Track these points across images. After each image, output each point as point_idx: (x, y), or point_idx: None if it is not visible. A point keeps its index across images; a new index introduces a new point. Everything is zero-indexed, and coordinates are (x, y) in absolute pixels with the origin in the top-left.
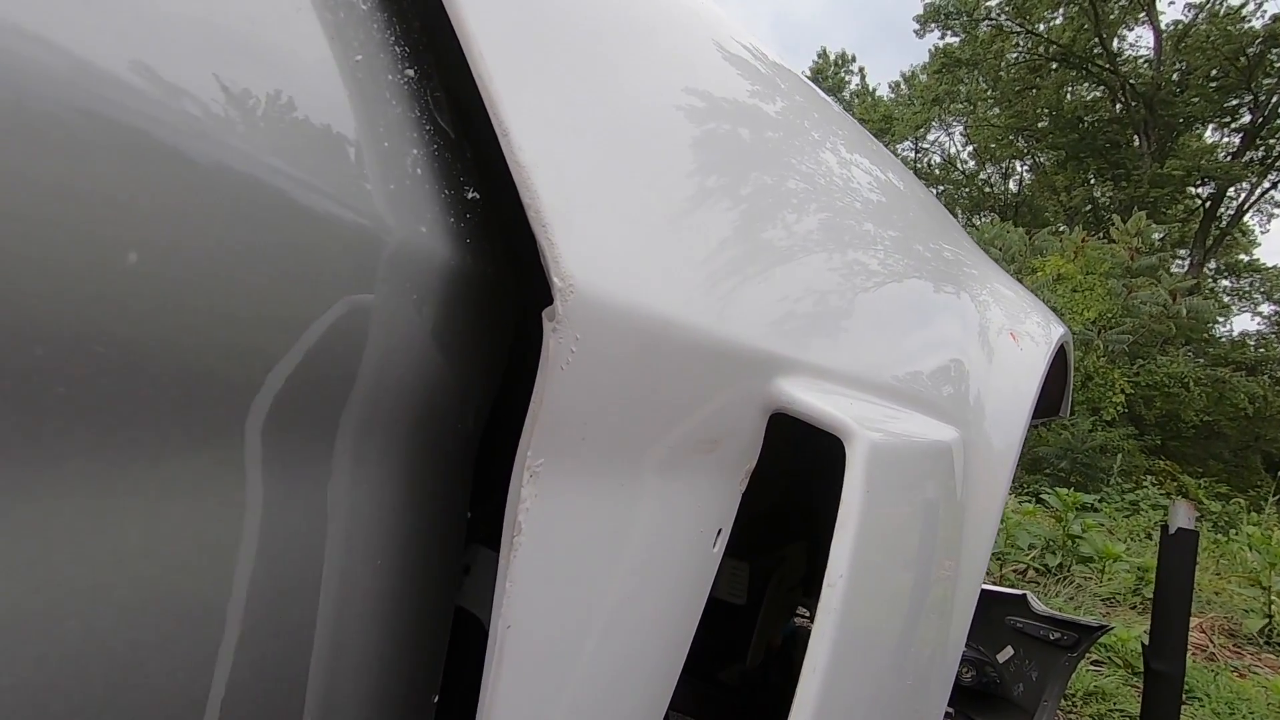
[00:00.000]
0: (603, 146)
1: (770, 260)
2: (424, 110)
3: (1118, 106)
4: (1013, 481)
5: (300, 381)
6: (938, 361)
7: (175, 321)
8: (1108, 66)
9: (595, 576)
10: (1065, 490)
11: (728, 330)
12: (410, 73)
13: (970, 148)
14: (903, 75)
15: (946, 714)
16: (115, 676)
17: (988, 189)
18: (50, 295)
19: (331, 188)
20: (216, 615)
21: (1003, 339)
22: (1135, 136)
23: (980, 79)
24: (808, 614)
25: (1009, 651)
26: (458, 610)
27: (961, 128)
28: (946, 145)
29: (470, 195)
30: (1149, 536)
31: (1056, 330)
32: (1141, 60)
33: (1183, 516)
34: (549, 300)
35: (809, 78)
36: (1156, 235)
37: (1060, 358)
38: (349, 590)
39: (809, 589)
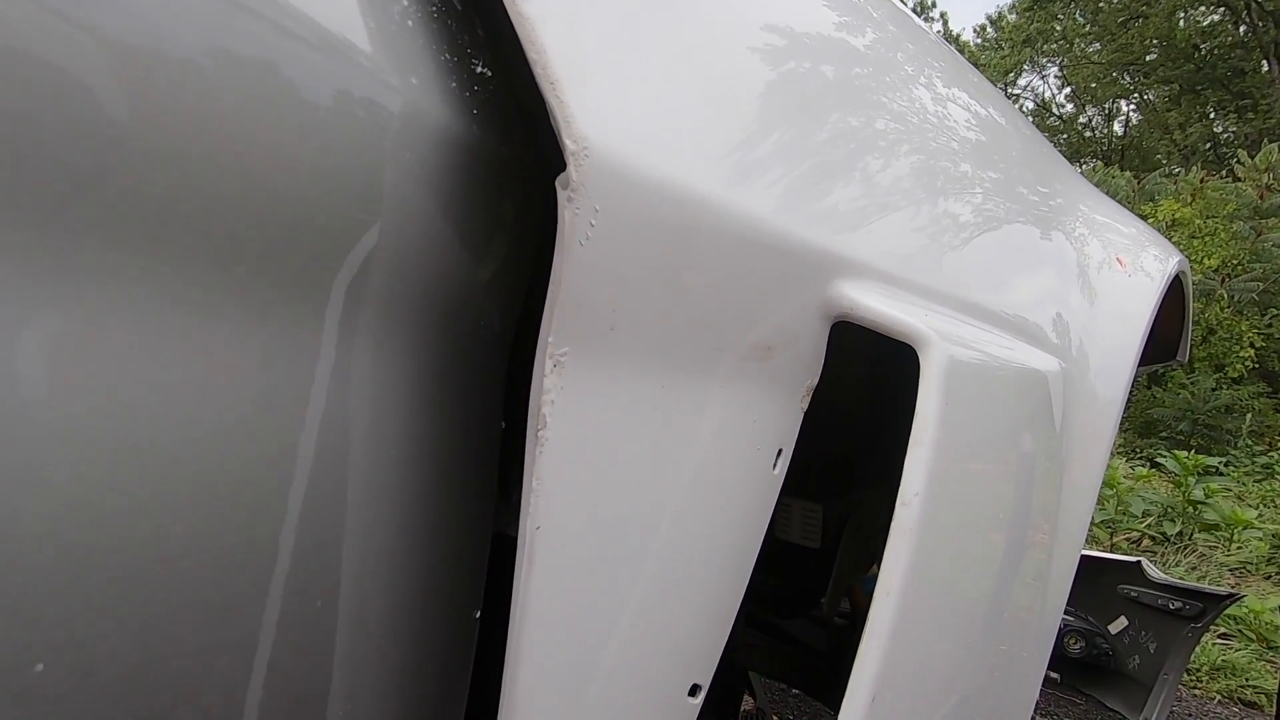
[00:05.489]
0: (633, 4)
1: (838, 151)
2: None
3: (1241, 29)
4: (1125, 446)
5: (321, 244)
6: (1035, 285)
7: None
8: None
9: (633, 482)
10: (1185, 453)
11: (778, 220)
12: None
13: (1067, 90)
14: (988, 18)
15: (1049, 678)
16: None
17: (1088, 133)
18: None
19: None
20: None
21: (1109, 265)
22: (1264, 61)
23: (1077, 13)
24: None
25: (1122, 622)
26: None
27: (1057, 69)
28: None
29: (480, 70)
30: None
31: (1172, 258)
32: None
33: None
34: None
35: None
36: None
37: (1177, 293)
38: (373, 483)
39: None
